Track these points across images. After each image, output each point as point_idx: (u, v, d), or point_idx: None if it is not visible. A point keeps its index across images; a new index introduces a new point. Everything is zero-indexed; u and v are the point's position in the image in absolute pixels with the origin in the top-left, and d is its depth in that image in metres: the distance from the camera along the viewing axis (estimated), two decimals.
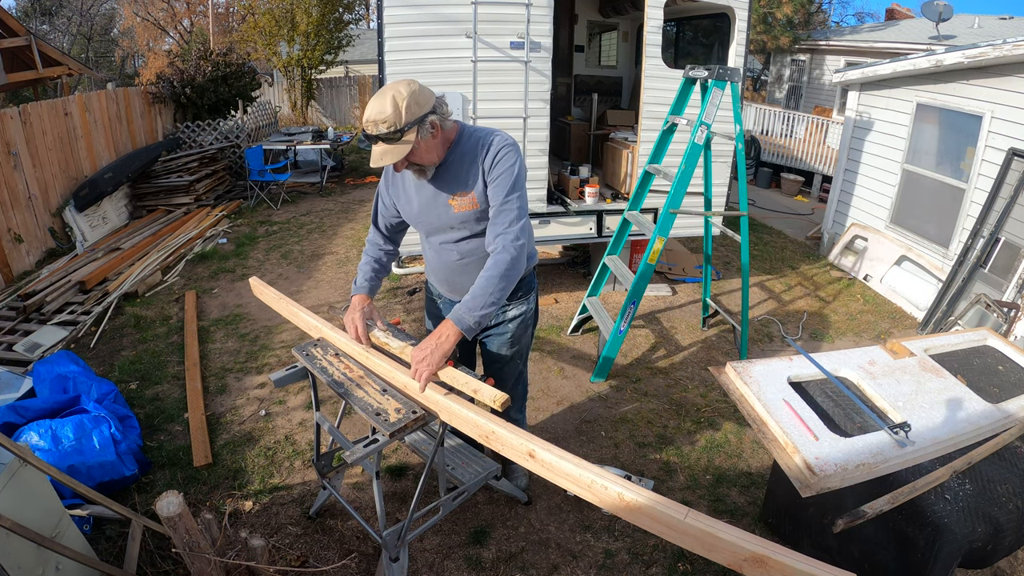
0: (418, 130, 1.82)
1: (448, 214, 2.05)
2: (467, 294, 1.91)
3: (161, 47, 20.72)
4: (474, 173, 1.97)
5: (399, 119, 1.78)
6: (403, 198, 2.15)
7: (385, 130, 1.79)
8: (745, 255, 3.93)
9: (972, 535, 1.84)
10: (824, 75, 11.65)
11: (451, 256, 2.16)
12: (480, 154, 1.95)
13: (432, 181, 2.02)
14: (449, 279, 2.25)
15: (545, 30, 4.01)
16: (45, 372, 3.22)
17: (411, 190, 2.11)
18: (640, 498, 1.30)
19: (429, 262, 2.30)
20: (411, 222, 2.21)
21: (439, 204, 2.05)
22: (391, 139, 1.81)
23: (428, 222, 2.12)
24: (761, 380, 2.16)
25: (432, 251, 2.23)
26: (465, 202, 2.00)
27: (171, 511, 1.62)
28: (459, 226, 2.07)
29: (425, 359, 1.84)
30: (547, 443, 1.50)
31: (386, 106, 1.78)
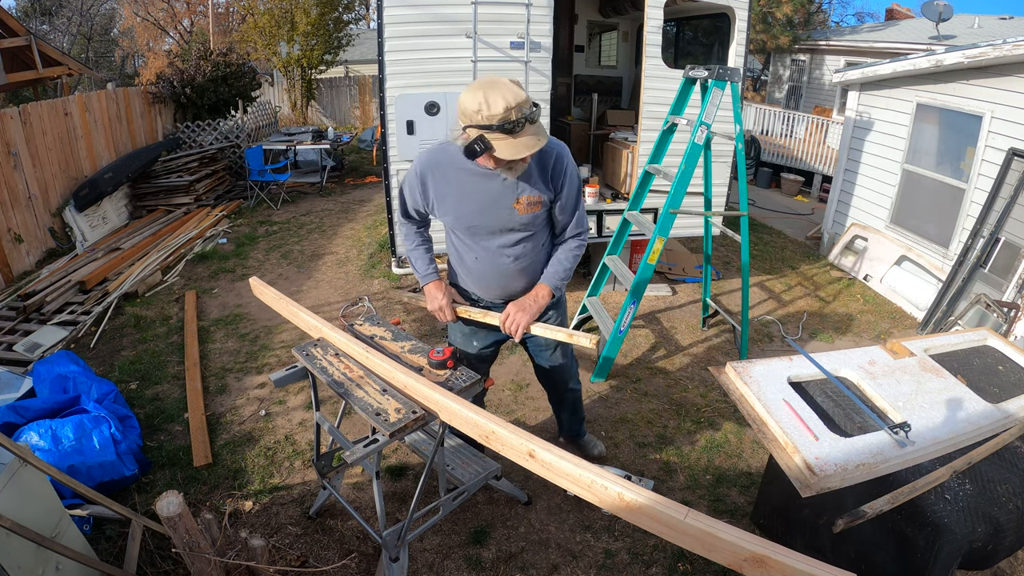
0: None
1: (512, 216, 2.08)
2: (550, 267, 2.21)
3: (161, 47, 20.71)
4: (543, 178, 2.06)
5: (528, 102, 1.78)
6: (452, 196, 2.09)
7: (528, 112, 1.78)
8: (745, 255, 3.93)
9: (972, 535, 1.83)
10: (824, 75, 11.65)
11: (505, 260, 2.17)
12: (548, 161, 2.04)
13: (497, 183, 2.02)
14: (501, 283, 2.24)
15: (545, 30, 4.01)
16: (45, 372, 3.22)
17: (466, 188, 2.06)
18: (640, 498, 1.30)
19: (472, 268, 2.25)
20: (457, 222, 2.15)
21: (501, 206, 2.05)
22: (533, 120, 1.80)
23: (485, 224, 2.11)
24: (761, 380, 2.16)
25: (481, 256, 2.20)
26: (532, 205, 2.07)
27: (171, 511, 1.62)
28: (520, 228, 2.11)
29: (524, 310, 2.11)
30: (547, 443, 1.50)
31: (515, 89, 1.77)
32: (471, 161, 1.95)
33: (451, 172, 2.06)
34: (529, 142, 1.82)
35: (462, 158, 1.95)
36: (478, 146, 1.78)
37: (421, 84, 3.95)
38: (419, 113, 3.99)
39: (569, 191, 2.12)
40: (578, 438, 3.06)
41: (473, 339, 2.43)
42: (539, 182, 2.06)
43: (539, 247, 2.21)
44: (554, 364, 2.62)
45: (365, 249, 6.18)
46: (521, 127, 1.79)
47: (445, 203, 2.12)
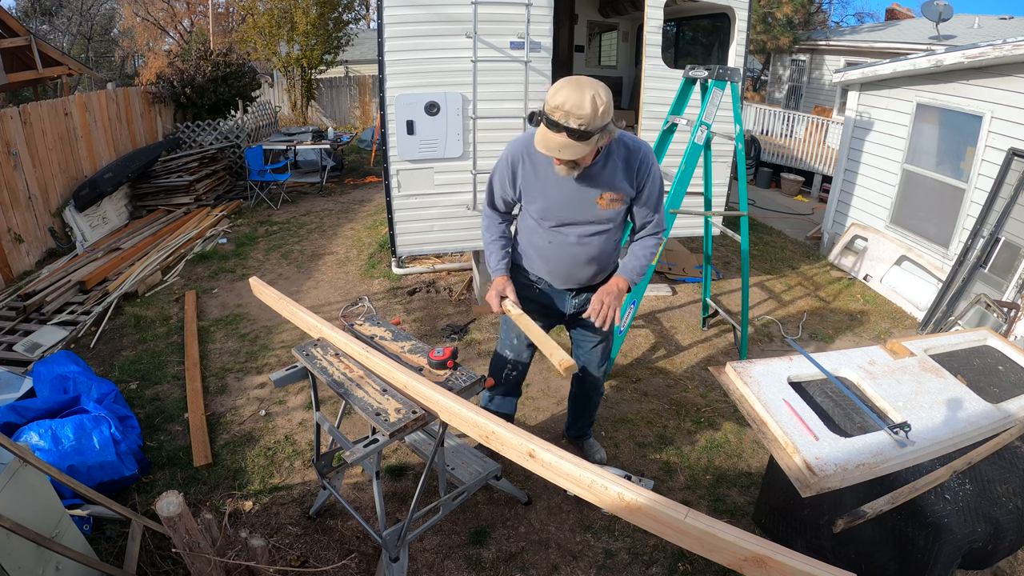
0: (599, 137, 1.89)
1: (594, 210, 2.16)
2: (627, 261, 2.31)
3: (161, 47, 20.73)
4: (628, 177, 2.13)
5: (592, 121, 1.82)
6: (539, 188, 2.19)
7: (576, 126, 1.82)
8: (745, 255, 3.93)
9: (972, 535, 1.83)
10: (824, 75, 11.65)
11: (578, 250, 2.25)
12: (633, 161, 2.12)
13: (580, 179, 2.09)
14: (568, 271, 2.33)
15: (545, 30, 4.01)
16: (45, 372, 3.22)
17: (551, 180, 2.14)
18: (640, 498, 1.30)
19: (543, 251, 2.32)
20: (541, 211, 2.23)
21: (586, 200, 2.14)
22: (576, 136, 1.84)
23: (568, 215, 2.20)
24: (761, 380, 2.16)
25: (554, 241, 2.27)
26: (613, 201, 2.16)
27: (171, 511, 1.62)
28: (600, 222, 2.19)
29: (612, 295, 2.22)
30: (547, 443, 1.50)
31: (585, 103, 1.80)
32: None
33: (541, 161, 2.13)
34: (556, 145, 1.87)
35: None
36: (536, 118, 1.91)
37: (421, 84, 3.95)
38: (419, 113, 3.99)
39: (651, 190, 2.19)
40: (582, 439, 3.06)
41: (525, 340, 2.51)
42: (623, 180, 2.13)
43: (611, 240, 2.30)
44: (590, 361, 2.65)
45: (365, 249, 6.18)
46: (559, 130, 1.84)
47: (532, 191, 2.21)
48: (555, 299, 2.44)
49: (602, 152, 2.07)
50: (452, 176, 4.24)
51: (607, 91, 1.87)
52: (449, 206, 4.31)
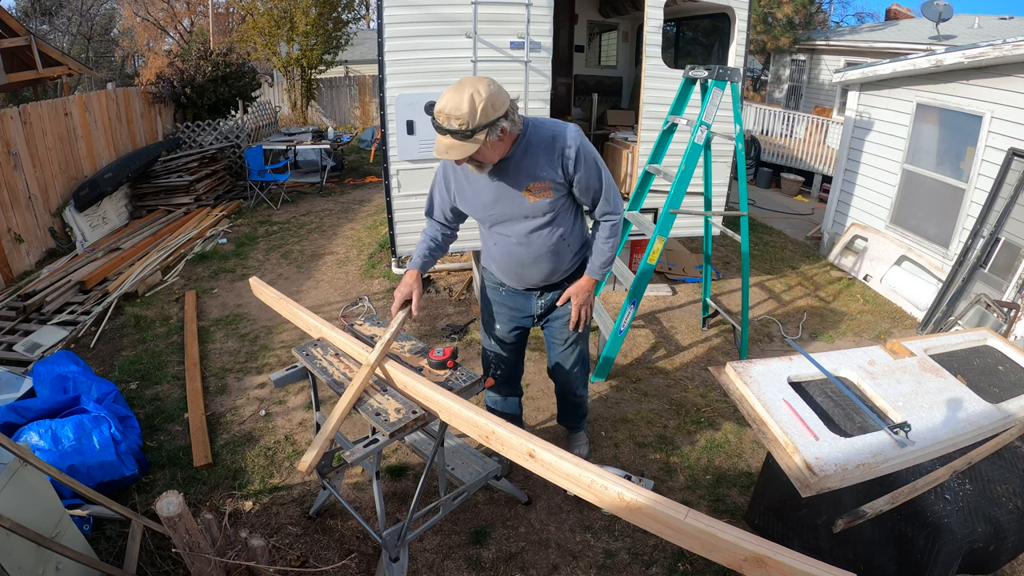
0: (488, 132, 1.86)
1: (523, 205, 2.14)
2: (591, 257, 2.32)
3: (161, 47, 20.72)
4: (550, 165, 2.08)
5: (472, 120, 1.82)
6: (469, 191, 2.20)
7: (456, 126, 1.83)
8: (745, 255, 3.93)
9: (972, 535, 1.83)
10: (824, 75, 11.64)
11: (520, 250, 2.24)
12: (555, 147, 2.07)
13: (503, 175, 2.09)
14: (518, 272, 2.33)
15: (545, 30, 4.01)
16: (45, 372, 3.22)
17: (480, 182, 2.14)
18: (640, 498, 1.30)
19: (493, 254, 2.37)
20: (475, 213, 2.25)
21: (512, 195, 2.13)
22: (460, 136, 1.84)
23: (500, 213, 2.19)
24: (761, 380, 2.16)
25: (498, 244, 2.30)
26: (541, 192, 2.11)
27: (171, 511, 1.62)
28: (534, 216, 2.17)
29: (579, 296, 2.30)
30: (547, 443, 1.50)
31: (462, 103, 1.80)
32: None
33: (467, 168, 2.11)
34: (444, 147, 1.88)
35: None
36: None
37: (421, 84, 3.95)
38: (419, 113, 3.99)
39: (586, 172, 2.13)
40: (570, 431, 3.08)
41: (496, 323, 2.54)
42: (546, 167, 2.08)
43: (556, 236, 2.23)
44: (562, 363, 2.63)
45: (365, 249, 6.18)
46: (444, 133, 1.86)
47: (464, 195, 2.22)
48: (521, 301, 2.46)
49: (518, 143, 2.04)
50: None
51: (490, 87, 1.85)
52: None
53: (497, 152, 1.99)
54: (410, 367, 2.08)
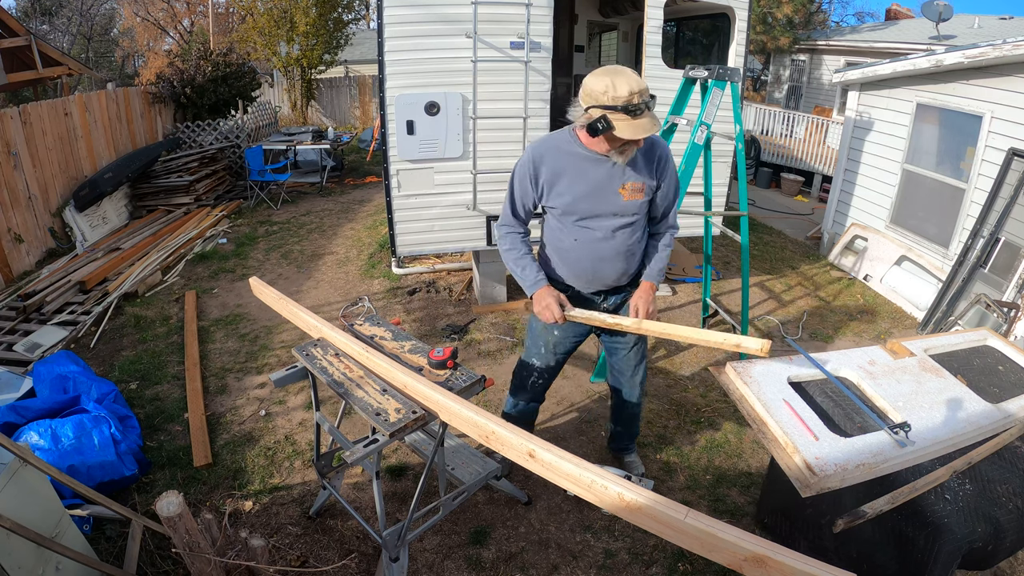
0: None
1: (618, 201, 2.17)
2: (650, 263, 2.37)
3: (161, 47, 20.71)
4: (648, 167, 2.18)
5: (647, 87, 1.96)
6: (564, 182, 2.19)
7: (647, 97, 1.95)
8: (745, 255, 3.93)
9: (972, 535, 1.83)
10: (824, 75, 11.64)
11: (603, 245, 2.25)
12: (654, 152, 2.18)
13: (605, 169, 2.13)
14: (595, 268, 2.31)
15: (545, 30, 4.01)
16: (45, 372, 3.22)
17: (578, 172, 2.16)
18: (640, 498, 1.30)
19: (569, 252, 2.31)
20: (566, 206, 2.23)
21: (609, 190, 2.16)
22: (652, 107, 1.97)
23: (592, 207, 2.19)
24: (761, 380, 2.16)
25: (580, 238, 2.26)
26: (636, 192, 2.18)
27: (171, 511, 1.62)
28: (624, 214, 2.20)
29: (647, 300, 2.31)
30: (547, 443, 1.50)
31: (634, 76, 1.94)
32: (581, 146, 2.13)
33: (562, 156, 2.17)
34: (647, 125, 1.96)
35: (571, 144, 2.15)
36: (600, 124, 1.93)
37: (421, 84, 3.95)
38: (419, 113, 3.99)
39: (670, 183, 2.25)
40: (623, 454, 3.00)
41: (557, 349, 2.51)
42: (644, 170, 2.17)
43: (635, 237, 2.29)
44: (626, 367, 2.60)
45: (365, 249, 6.18)
46: (641, 112, 1.93)
47: (558, 185, 2.19)
48: (586, 307, 2.39)
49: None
50: (452, 176, 4.23)
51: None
52: (449, 206, 4.31)
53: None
54: (410, 367, 2.08)
